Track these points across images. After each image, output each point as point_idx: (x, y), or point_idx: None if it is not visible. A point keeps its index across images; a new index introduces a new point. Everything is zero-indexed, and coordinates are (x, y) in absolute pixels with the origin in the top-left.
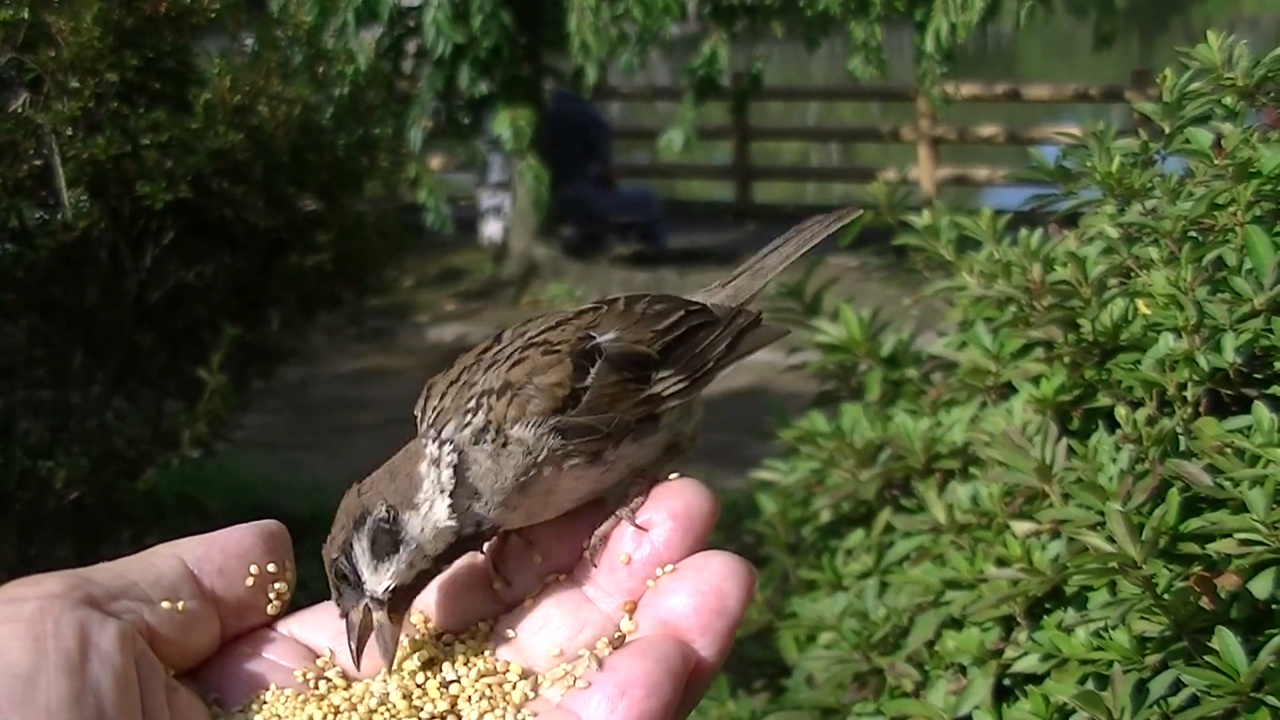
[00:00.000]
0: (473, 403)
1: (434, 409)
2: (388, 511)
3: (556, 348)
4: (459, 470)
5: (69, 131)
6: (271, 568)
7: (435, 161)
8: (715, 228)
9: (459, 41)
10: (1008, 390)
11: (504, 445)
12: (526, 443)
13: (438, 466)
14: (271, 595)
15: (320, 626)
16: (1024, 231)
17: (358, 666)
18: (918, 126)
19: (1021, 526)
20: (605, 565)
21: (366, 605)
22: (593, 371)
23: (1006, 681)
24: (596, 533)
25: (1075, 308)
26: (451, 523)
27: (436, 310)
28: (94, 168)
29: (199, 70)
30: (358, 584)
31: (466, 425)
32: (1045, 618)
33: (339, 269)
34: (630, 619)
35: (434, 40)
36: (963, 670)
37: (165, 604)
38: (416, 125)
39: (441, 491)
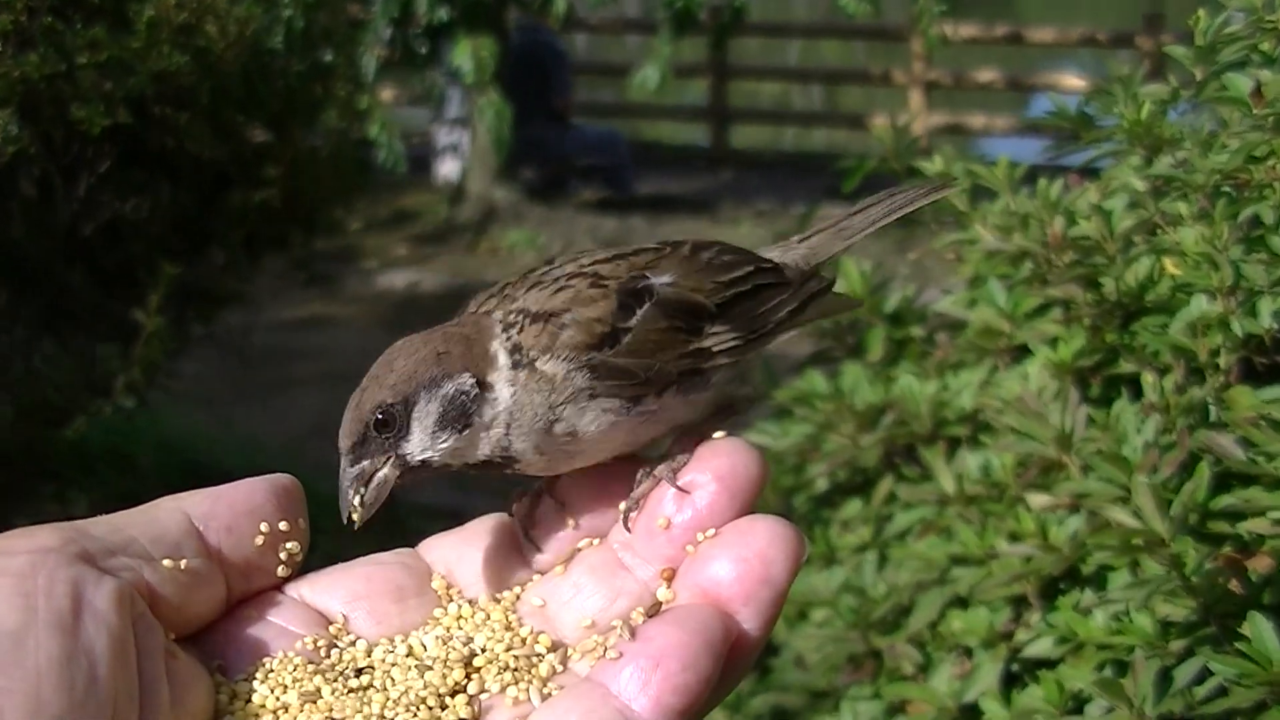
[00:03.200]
0: (512, 317)
1: (477, 307)
2: (473, 386)
3: (605, 282)
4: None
5: None
6: (283, 526)
7: (387, 94)
8: (687, 174)
9: None
10: (1021, 353)
11: (531, 377)
12: (554, 379)
13: (505, 352)
14: (282, 555)
15: (333, 590)
16: (1042, 182)
17: (356, 525)
18: (910, 69)
19: (1036, 499)
20: (643, 530)
21: (394, 462)
22: (639, 313)
23: (1016, 666)
24: (634, 494)
25: (1098, 265)
26: (503, 431)
27: (386, 255)
28: (25, 87)
29: None
30: (395, 441)
31: (509, 333)
32: (1060, 598)
33: (288, 207)
34: (668, 587)
35: None
36: (969, 653)
37: (167, 562)
38: (369, 53)
39: (508, 385)
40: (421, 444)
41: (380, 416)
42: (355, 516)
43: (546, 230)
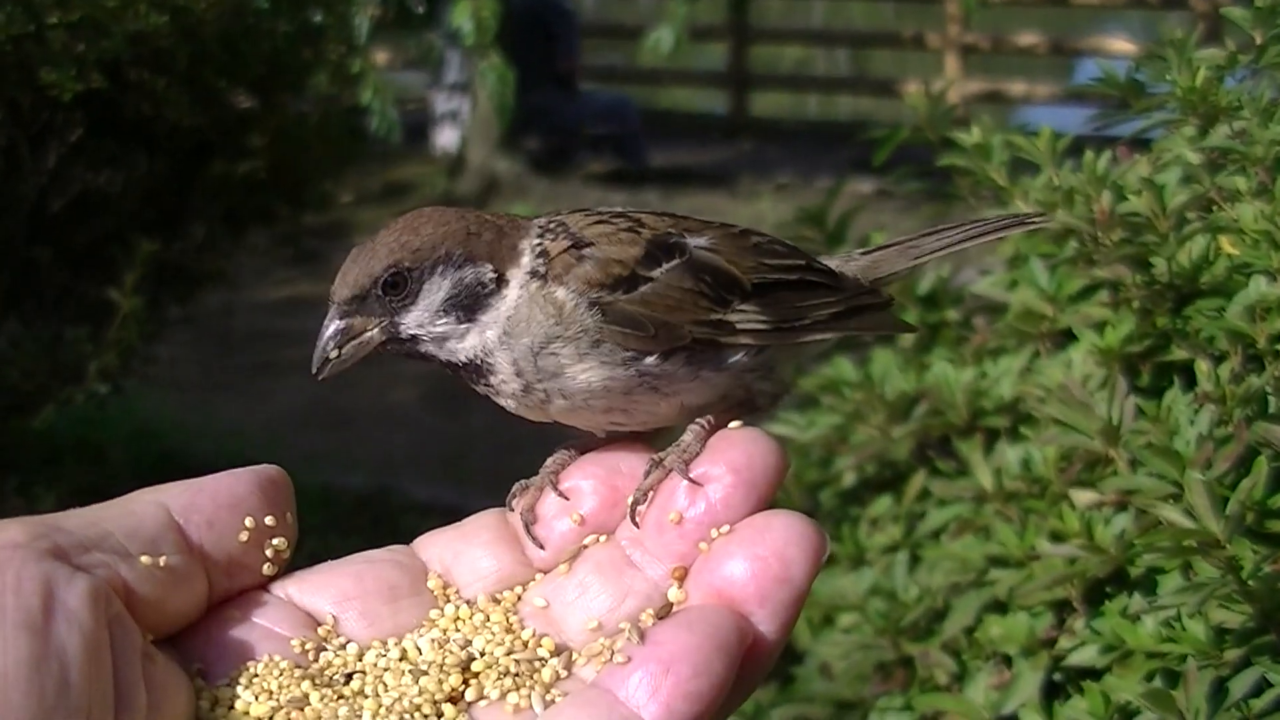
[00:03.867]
0: (552, 224)
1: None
2: (492, 280)
3: (641, 229)
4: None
5: None
6: (269, 520)
7: (381, 57)
8: (703, 144)
9: None
10: (1065, 338)
11: (541, 291)
12: (562, 307)
13: (531, 254)
14: (268, 552)
15: (322, 589)
16: (1088, 154)
17: (320, 378)
18: (945, 32)
19: (1081, 496)
20: (653, 525)
21: (385, 326)
22: (665, 266)
23: (1059, 676)
24: (642, 485)
25: (1148, 244)
26: (494, 337)
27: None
28: None
29: None
30: (396, 308)
31: (539, 244)
32: (1107, 603)
33: (273, 178)
34: (680, 587)
35: None
36: (1007, 661)
37: (145, 559)
38: (362, 13)
39: (520, 288)
40: (419, 319)
41: (391, 278)
42: (324, 371)
43: (552, 204)
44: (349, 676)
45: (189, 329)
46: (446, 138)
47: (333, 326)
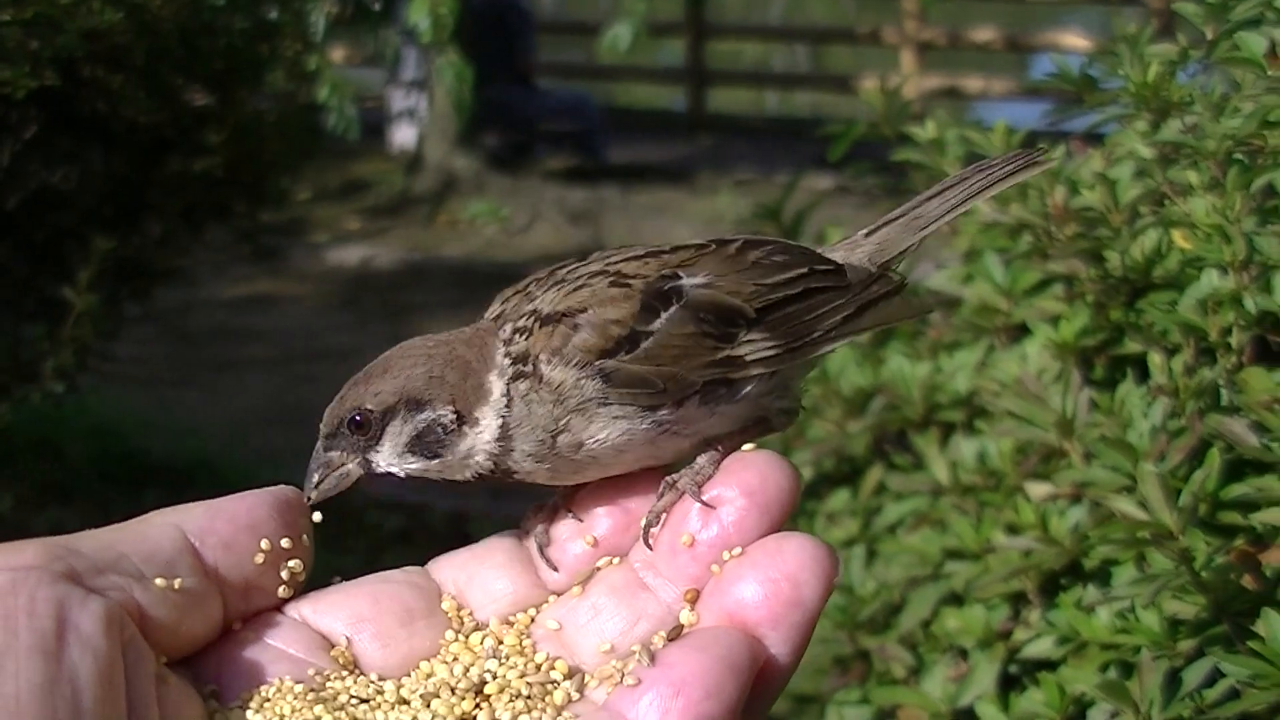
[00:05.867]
0: (523, 321)
1: (495, 314)
2: (452, 421)
3: (629, 280)
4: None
5: None
6: (285, 543)
7: (338, 54)
8: (663, 140)
9: None
10: (1020, 332)
11: (534, 387)
12: (560, 386)
13: (504, 381)
14: (283, 574)
15: (337, 611)
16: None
17: (309, 502)
18: (902, 28)
19: (1036, 489)
20: (665, 548)
21: (360, 462)
22: (664, 315)
23: (1014, 668)
24: (655, 507)
25: (1102, 238)
26: (487, 459)
27: (337, 228)
28: None
29: None
30: (365, 446)
31: (511, 350)
32: (1062, 595)
33: (231, 175)
34: (692, 610)
35: None
36: (964, 654)
37: (159, 581)
38: (318, 10)
39: (498, 417)
40: (389, 459)
41: (356, 418)
42: (311, 495)
43: (511, 201)
44: (361, 700)
45: (149, 326)
46: (404, 135)
47: (317, 458)
